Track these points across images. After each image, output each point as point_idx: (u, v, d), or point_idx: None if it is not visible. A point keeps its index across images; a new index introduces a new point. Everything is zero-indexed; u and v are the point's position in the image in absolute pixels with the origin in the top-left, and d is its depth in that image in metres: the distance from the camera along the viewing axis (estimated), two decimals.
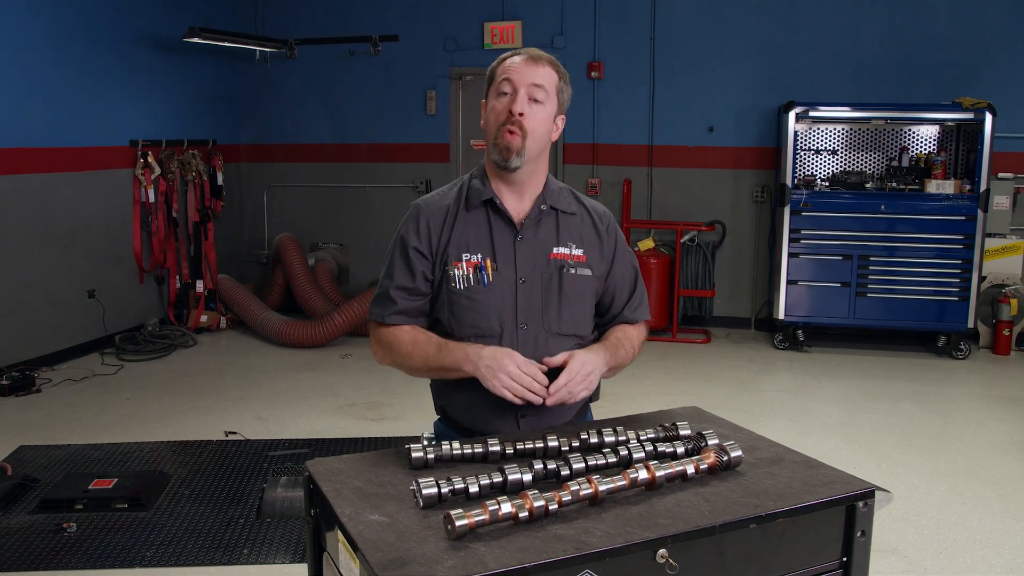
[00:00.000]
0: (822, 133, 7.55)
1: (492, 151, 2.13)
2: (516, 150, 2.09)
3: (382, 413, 5.68)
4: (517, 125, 2.08)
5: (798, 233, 7.10)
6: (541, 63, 2.13)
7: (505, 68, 2.13)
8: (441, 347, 2.08)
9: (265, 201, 9.00)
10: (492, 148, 2.13)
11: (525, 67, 2.11)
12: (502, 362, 1.97)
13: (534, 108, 2.10)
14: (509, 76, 2.10)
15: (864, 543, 1.72)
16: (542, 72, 2.11)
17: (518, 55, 2.14)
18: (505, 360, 1.97)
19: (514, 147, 2.09)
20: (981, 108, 6.72)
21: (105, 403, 5.82)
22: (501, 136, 2.09)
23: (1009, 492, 4.41)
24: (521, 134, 2.08)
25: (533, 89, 2.09)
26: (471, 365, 2.02)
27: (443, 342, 2.09)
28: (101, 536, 3.81)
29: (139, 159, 7.26)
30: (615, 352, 2.16)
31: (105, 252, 7.10)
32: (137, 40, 7.40)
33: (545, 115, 2.12)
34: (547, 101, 2.12)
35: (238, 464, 4.71)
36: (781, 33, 7.67)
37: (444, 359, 2.07)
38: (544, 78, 2.11)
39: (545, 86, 2.11)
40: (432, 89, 8.46)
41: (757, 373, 6.71)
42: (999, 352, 7.13)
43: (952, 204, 6.85)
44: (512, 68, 2.11)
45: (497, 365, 1.97)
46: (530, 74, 2.10)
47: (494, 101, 2.13)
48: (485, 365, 1.99)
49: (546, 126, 2.14)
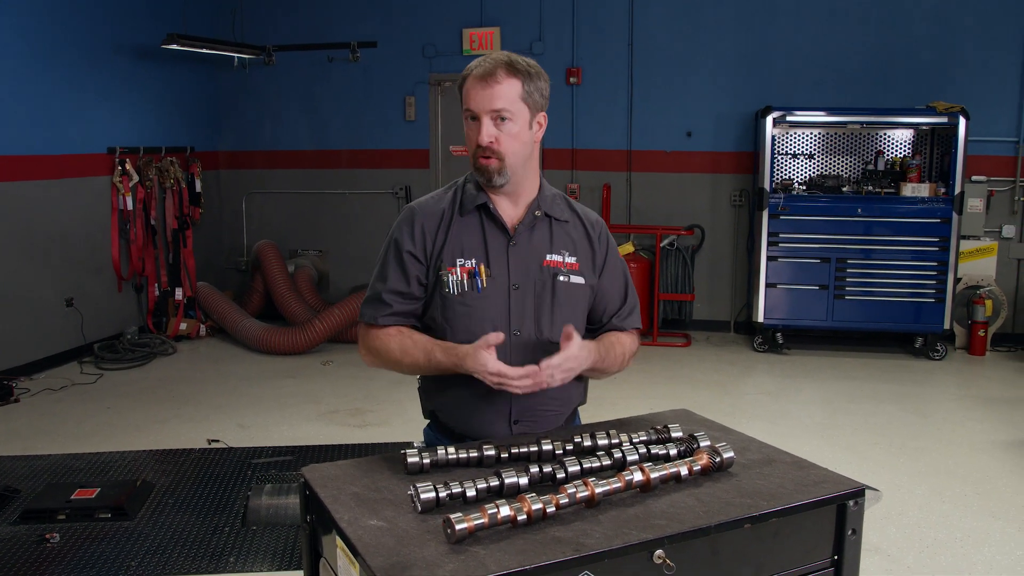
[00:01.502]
0: (799, 137, 7.62)
1: (475, 172, 2.13)
2: (496, 171, 2.09)
3: (365, 419, 5.68)
4: (490, 151, 2.07)
5: (776, 237, 7.16)
6: (495, 80, 2.04)
7: (466, 93, 2.08)
8: (429, 355, 2.09)
9: (244, 208, 8.96)
10: (474, 170, 2.13)
11: (482, 92, 2.05)
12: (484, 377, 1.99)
13: (504, 127, 2.06)
14: (469, 105, 2.07)
15: (855, 541, 1.75)
16: (499, 92, 2.04)
17: (473, 72, 2.07)
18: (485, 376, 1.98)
19: (492, 170, 2.09)
20: (955, 112, 6.81)
21: (85, 412, 5.78)
22: (478, 161, 2.09)
23: (988, 491, 4.47)
24: (496, 157, 2.08)
25: (495, 113, 2.05)
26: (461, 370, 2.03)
27: (430, 349, 2.09)
28: (85, 546, 3.78)
29: (117, 166, 7.22)
30: (604, 354, 2.17)
31: (83, 260, 7.04)
32: (115, 47, 7.35)
33: (517, 130, 2.08)
34: (515, 116, 2.07)
35: (222, 472, 4.69)
36: (758, 39, 7.74)
37: (434, 368, 2.09)
38: (502, 98, 2.05)
39: (506, 106, 2.05)
40: (411, 95, 8.47)
41: (737, 376, 6.76)
42: (975, 353, 7.22)
43: (927, 207, 6.93)
44: (470, 95, 2.07)
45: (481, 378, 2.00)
46: (487, 100, 2.05)
47: (465, 124, 2.12)
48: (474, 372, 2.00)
49: (521, 139, 2.10)
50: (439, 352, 2.07)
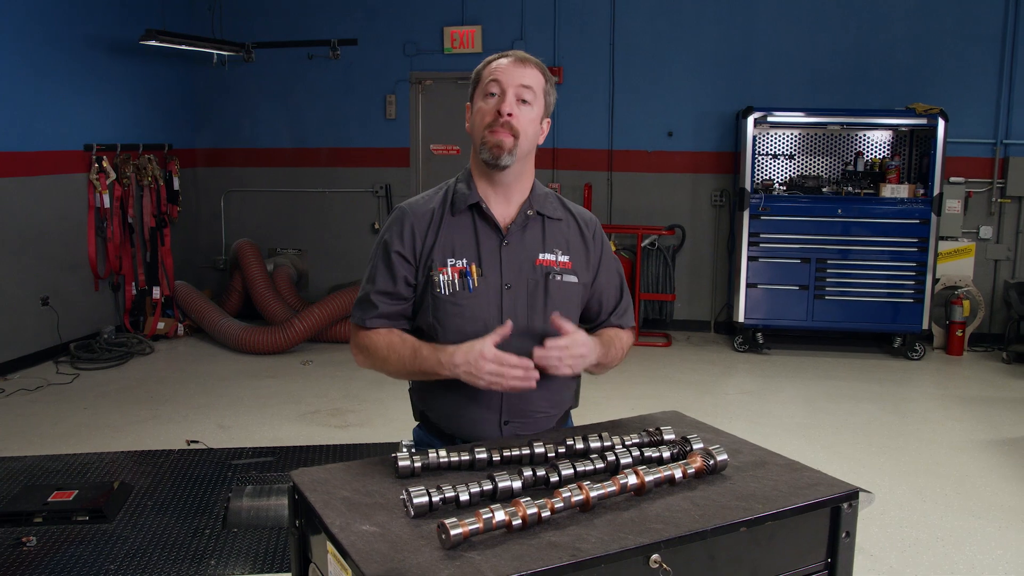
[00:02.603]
0: (779, 138, 7.66)
1: (482, 151, 2.11)
2: (508, 148, 2.08)
3: (346, 420, 5.64)
4: (507, 125, 2.07)
5: (757, 237, 7.19)
6: (528, 65, 2.12)
7: (492, 70, 2.12)
8: (415, 352, 2.06)
9: (222, 206, 8.89)
10: (482, 147, 2.11)
11: (513, 68, 2.10)
12: (479, 365, 1.95)
13: (522, 109, 2.10)
14: (497, 77, 2.10)
15: (849, 544, 1.74)
16: (530, 74, 2.11)
17: (505, 57, 2.13)
18: (481, 363, 1.95)
19: (505, 145, 2.08)
20: (934, 114, 6.86)
21: (61, 413, 5.70)
22: (491, 134, 2.08)
23: (968, 490, 4.50)
24: (512, 133, 2.08)
25: (521, 90, 2.09)
26: (448, 371, 2.00)
27: (417, 347, 2.07)
28: (63, 550, 3.72)
29: (94, 164, 7.13)
30: (607, 349, 2.17)
31: (59, 258, 6.95)
32: (92, 43, 7.26)
33: (533, 116, 2.12)
34: (535, 103, 2.12)
35: (201, 473, 4.63)
36: (739, 40, 7.77)
37: (419, 365, 2.06)
38: (532, 79, 2.11)
39: (533, 87, 2.11)
40: (392, 93, 8.43)
41: (718, 376, 6.78)
42: (952, 353, 7.28)
43: (906, 208, 6.98)
44: (500, 69, 2.11)
45: (476, 369, 1.95)
46: (518, 75, 2.09)
47: (480, 103, 2.12)
48: (464, 372, 1.97)
49: (534, 127, 2.13)
50: (426, 349, 2.05)
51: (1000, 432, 5.41)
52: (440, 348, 2.02)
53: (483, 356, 1.94)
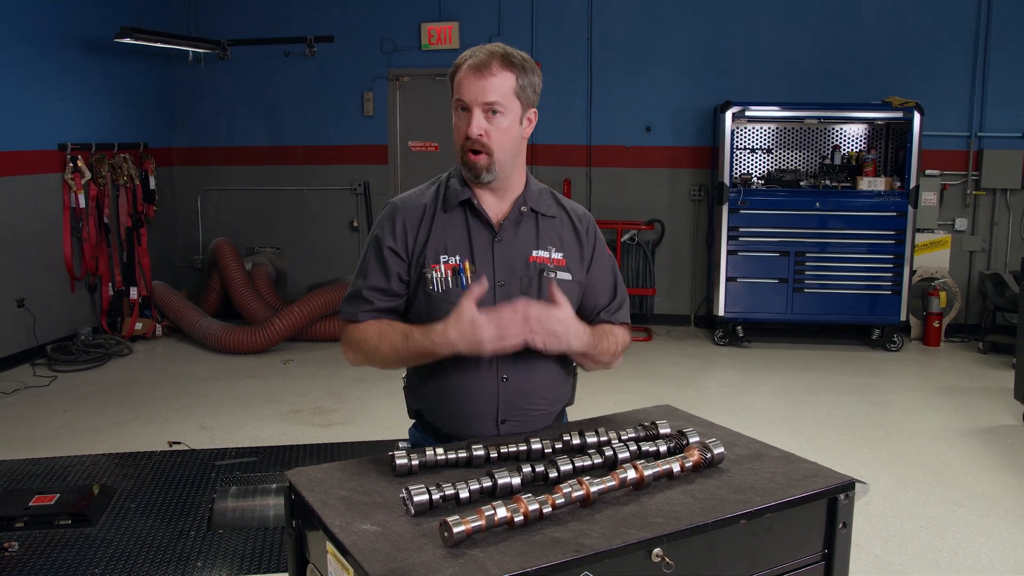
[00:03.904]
0: (757, 132, 7.69)
1: (462, 167, 2.09)
2: (484, 167, 2.05)
3: (329, 419, 5.61)
4: (479, 145, 2.03)
5: (736, 231, 7.22)
6: (490, 73, 2.01)
7: (458, 83, 2.04)
8: (407, 336, 2.02)
9: (199, 205, 8.82)
10: (461, 164, 2.08)
11: (474, 83, 2.01)
12: (476, 334, 1.89)
13: (495, 120, 2.03)
14: (461, 95, 2.03)
15: (846, 535, 1.76)
16: (492, 84, 2.01)
17: (467, 62, 2.03)
18: (477, 331, 1.89)
19: (481, 166, 2.05)
20: (910, 108, 6.92)
21: (40, 416, 5.63)
22: (466, 155, 2.05)
23: (949, 479, 4.55)
24: (485, 152, 2.04)
25: (487, 106, 2.02)
26: (446, 350, 1.95)
27: (407, 331, 2.03)
28: (45, 554, 3.67)
29: (68, 163, 7.04)
30: (598, 341, 2.12)
31: (34, 259, 6.86)
32: (66, 40, 7.17)
33: (507, 124, 2.05)
34: (507, 110, 2.04)
35: (185, 475, 4.59)
36: (716, 34, 7.80)
37: (412, 348, 2.01)
38: (496, 91, 2.01)
39: (499, 99, 2.02)
40: (369, 90, 8.38)
41: (699, 369, 6.81)
42: (930, 343, 7.35)
43: (883, 200, 7.04)
44: (462, 85, 2.03)
45: (475, 338, 1.90)
46: (480, 91, 2.01)
47: (454, 114, 2.08)
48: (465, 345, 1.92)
49: (511, 134, 2.07)
50: (417, 332, 2.00)
51: (978, 421, 5.47)
52: (431, 328, 1.97)
53: (476, 324, 1.89)
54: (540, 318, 1.93)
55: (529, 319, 1.92)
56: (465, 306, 1.91)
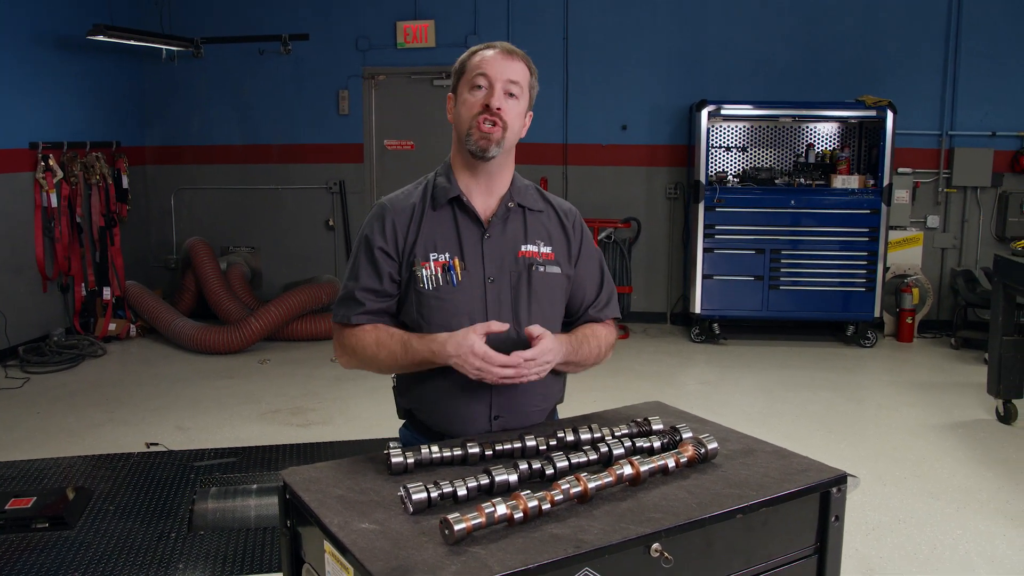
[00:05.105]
0: (732, 130, 7.74)
1: (468, 141, 2.09)
2: (496, 140, 2.08)
3: (307, 419, 5.58)
4: (496, 117, 2.07)
5: (712, 229, 7.26)
6: (515, 58, 2.12)
7: (479, 62, 2.10)
8: (405, 345, 2.04)
9: (173, 204, 8.72)
10: (467, 138, 2.09)
11: (501, 62, 2.09)
12: (467, 359, 1.94)
13: (509, 103, 2.10)
14: (484, 71, 2.08)
15: (838, 528, 1.78)
16: (517, 67, 2.11)
17: (492, 48, 2.12)
18: (470, 357, 1.94)
19: (494, 137, 2.08)
20: (883, 106, 7.00)
21: (13, 418, 5.55)
22: (480, 125, 2.07)
23: (925, 473, 4.61)
24: (501, 125, 2.08)
25: (508, 84, 2.09)
26: (441, 360, 1.99)
27: (406, 340, 2.05)
28: (23, 558, 3.63)
29: (40, 162, 6.94)
30: (578, 347, 2.15)
31: (5, 260, 6.76)
32: (37, 38, 7.06)
33: (520, 110, 2.13)
34: (521, 96, 2.12)
35: (163, 476, 4.55)
36: (692, 33, 7.84)
37: (411, 357, 2.04)
38: (519, 74, 2.11)
39: (520, 82, 2.11)
40: (344, 89, 8.34)
41: (677, 367, 6.85)
42: (903, 340, 7.44)
43: (857, 198, 7.11)
44: (487, 62, 2.09)
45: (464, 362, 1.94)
46: (505, 69, 2.09)
47: (467, 95, 2.10)
48: (455, 362, 1.96)
49: (520, 120, 2.14)
50: (416, 341, 2.03)
51: (952, 416, 5.54)
52: (430, 338, 2.01)
53: (473, 352, 1.94)
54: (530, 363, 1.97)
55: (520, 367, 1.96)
56: (475, 335, 1.95)
